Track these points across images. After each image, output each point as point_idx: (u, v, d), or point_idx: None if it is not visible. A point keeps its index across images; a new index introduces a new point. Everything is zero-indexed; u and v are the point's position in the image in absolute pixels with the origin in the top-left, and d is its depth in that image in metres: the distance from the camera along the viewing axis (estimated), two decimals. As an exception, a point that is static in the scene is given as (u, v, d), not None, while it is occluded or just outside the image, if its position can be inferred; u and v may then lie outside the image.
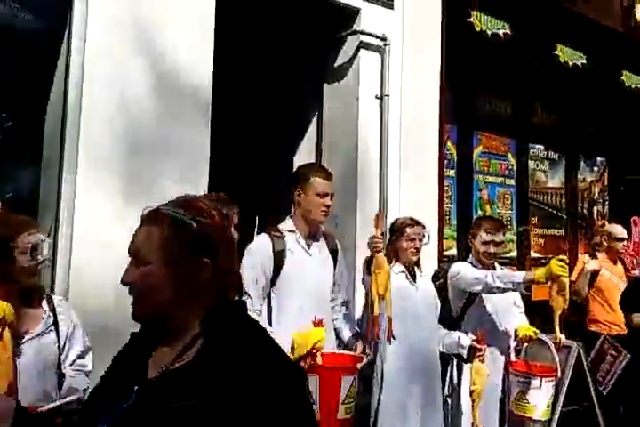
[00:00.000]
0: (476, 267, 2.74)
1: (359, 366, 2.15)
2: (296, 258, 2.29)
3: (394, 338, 2.39)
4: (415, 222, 2.64)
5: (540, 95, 4.72)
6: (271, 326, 2.22)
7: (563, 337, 2.71)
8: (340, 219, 3.10)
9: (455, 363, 2.74)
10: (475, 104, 4.34)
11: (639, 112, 5.18)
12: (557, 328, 2.64)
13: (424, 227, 2.64)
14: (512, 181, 4.53)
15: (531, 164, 4.71)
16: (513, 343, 2.69)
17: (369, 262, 2.40)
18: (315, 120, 3.55)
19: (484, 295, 2.71)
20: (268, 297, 2.30)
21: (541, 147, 4.80)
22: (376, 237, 2.35)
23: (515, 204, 4.52)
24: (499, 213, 4.38)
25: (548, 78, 4.57)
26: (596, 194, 5.30)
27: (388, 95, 3.29)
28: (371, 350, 2.40)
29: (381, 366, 2.52)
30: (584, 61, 4.62)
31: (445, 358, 2.70)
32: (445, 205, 3.91)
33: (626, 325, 3.46)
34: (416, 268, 2.67)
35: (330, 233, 2.50)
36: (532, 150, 4.73)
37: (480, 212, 4.22)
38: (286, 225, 2.36)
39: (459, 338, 2.54)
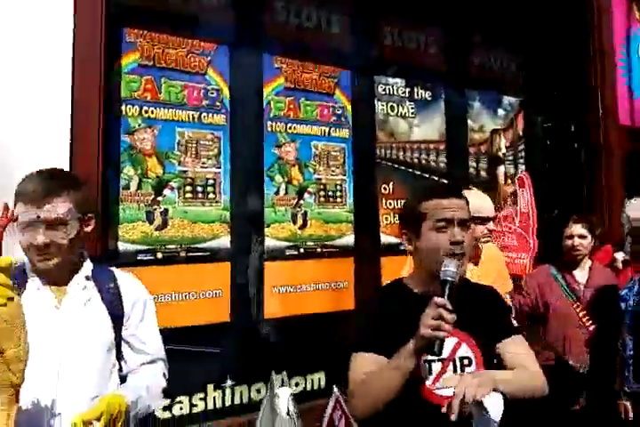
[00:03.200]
0: None
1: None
2: None
3: None
4: None
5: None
6: None
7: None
8: None
9: None
10: (262, 17, 2.82)
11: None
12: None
13: None
14: (345, 133, 3.07)
15: (380, 106, 3.22)
16: None
17: None
18: None
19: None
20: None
21: (398, 81, 3.30)
22: None
23: (350, 165, 3.07)
24: (318, 178, 2.93)
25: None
26: (503, 149, 3.80)
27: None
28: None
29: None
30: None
31: None
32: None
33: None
34: None
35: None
36: (380, 86, 3.23)
37: (279, 178, 2.78)
38: None
39: None
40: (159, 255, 2.44)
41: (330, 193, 2.97)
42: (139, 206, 2.39)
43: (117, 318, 1.45)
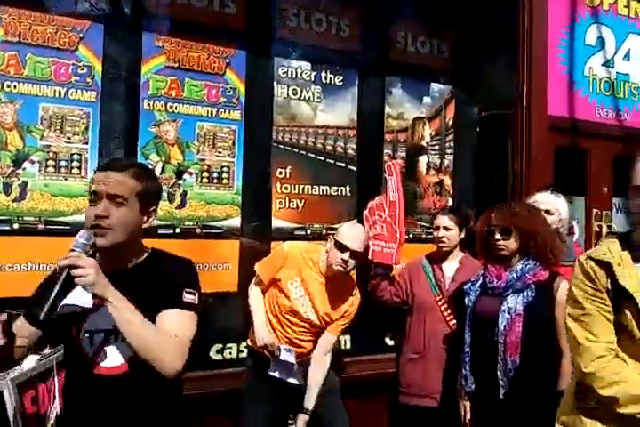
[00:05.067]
0: None
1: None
2: None
3: None
4: None
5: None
6: None
7: None
8: None
9: None
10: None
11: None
12: None
13: None
14: (236, 115, 3.04)
15: (280, 89, 3.17)
16: None
17: None
18: None
19: None
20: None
21: (303, 64, 3.23)
22: None
23: (241, 147, 3.04)
24: (201, 159, 2.93)
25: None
26: (427, 138, 3.68)
27: None
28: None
29: None
30: None
31: None
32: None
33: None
34: None
35: None
36: (282, 69, 3.19)
37: (155, 156, 2.79)
38: None
39: None
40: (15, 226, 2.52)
41: (214, 175, 2.97)
42: (-4, 178, 2.47)
43: None
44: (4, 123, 2.48)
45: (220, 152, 2.97)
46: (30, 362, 1.78)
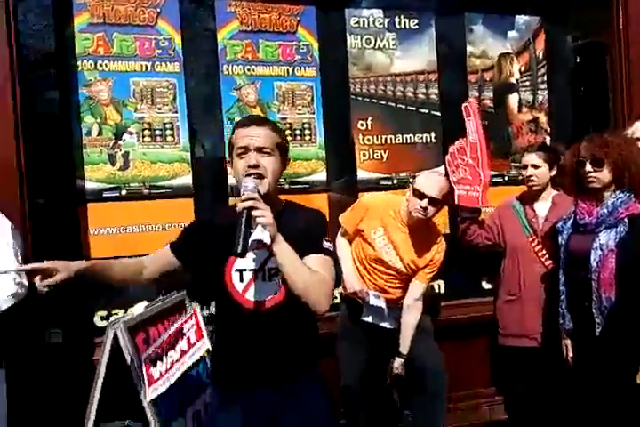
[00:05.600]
0: None
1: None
2: None
3: None
4: None
5: None
6: None
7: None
8: None
9: None
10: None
11: None
12: None
13: None
14: (312, 71, 3.07)
15: (353, 40, 3.15)
16: None
17: None
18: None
19: None
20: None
21: (374, 12, 3.16)
22: None
23: (320, 103, 3.08)
24: (282, 118, 3.02)
25: None
26: (516, 74, 3.47)
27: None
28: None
29: None
30: None
31: None
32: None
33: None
34: None
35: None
36: (353, 19, 3.14)
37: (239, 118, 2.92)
38: None
39: None
40: (123, 192, 2.80)
41: (297, 132, 3.05)
42: (100, 150, 2.74)
43: None
44: (101, 100, 2.74)
45: (299, 109, 3.05)
46: (139, 308, 2.03)
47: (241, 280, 1.67)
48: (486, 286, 3.36)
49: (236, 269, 1.68)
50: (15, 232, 2.16)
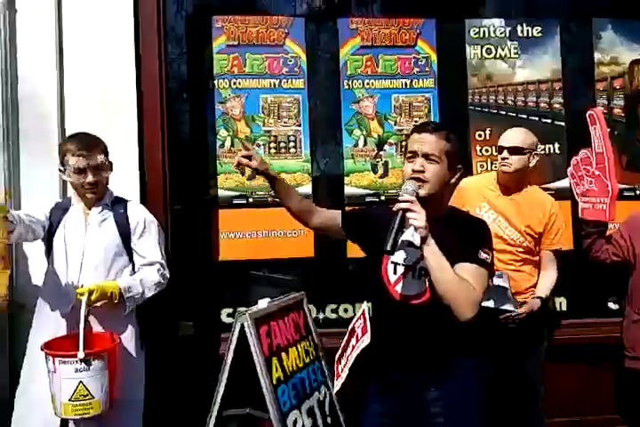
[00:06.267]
0: None
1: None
2: None
3: None
4: None
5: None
6: None
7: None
8: None
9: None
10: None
11: None
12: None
13: None
14: (430, 83, 3.11)
15: (472, 51, 3.14)
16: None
17: None
18: None
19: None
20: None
21: (495, 22, 3.13)
22: None
23: (436, 113, 3.11)
24: (399, 130, 3.08)
25: None
26: (649, 80, 3.25)
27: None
28: None
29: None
30: None
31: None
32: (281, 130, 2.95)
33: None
34: None
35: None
36: (473, 30, 3.14)
37: (357, 131, 3.03)
38: None
39: None
40: (250, 200, 3.02)
41: (413, 142, 3.10)
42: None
43: (125, 232, 2.08)
44: (234, 115, 2.99)
45: (416, 121, 3.11)
46: (263, 303, 2.19)
47: (395, 272, 1.79)
48: (613, 306, 3.18)
49: (392, 262, 1.80)
50: (159, 228, 2.41)
